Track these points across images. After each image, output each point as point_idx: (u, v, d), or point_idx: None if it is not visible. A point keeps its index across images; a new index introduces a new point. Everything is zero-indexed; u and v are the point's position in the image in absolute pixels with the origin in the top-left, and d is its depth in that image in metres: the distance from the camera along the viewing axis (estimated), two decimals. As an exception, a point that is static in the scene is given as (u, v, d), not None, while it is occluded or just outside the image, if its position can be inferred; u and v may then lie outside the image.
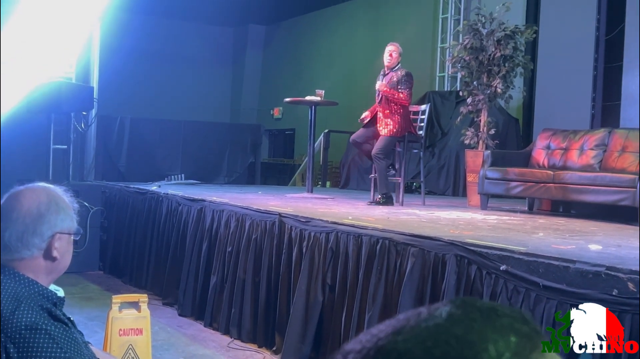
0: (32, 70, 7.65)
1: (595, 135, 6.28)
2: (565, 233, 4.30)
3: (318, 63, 15.03)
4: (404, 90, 6.48)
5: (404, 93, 6.47)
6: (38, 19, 7.50)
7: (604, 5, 9.18)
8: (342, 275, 4.08)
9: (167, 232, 6.45)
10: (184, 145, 10.54)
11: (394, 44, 6.70)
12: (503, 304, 0.65)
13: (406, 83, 6.50)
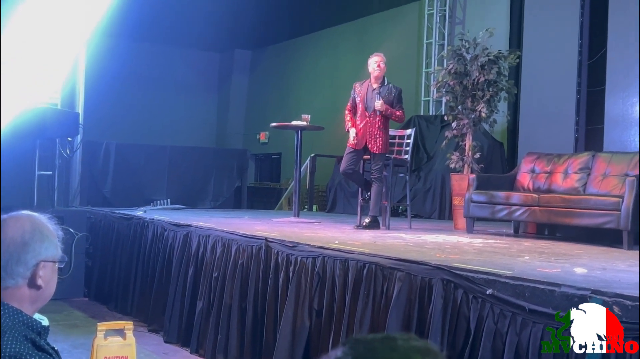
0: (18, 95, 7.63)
1: (579, 159, 6.33)
2: (550, 257, 4.32)
3: (304, 88, 15.10)
4: (401, 107, 6.49)
5: (400, 111, 6.47)
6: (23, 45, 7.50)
7: (586, 30, 9.31)
8: (329, 300, 4.06)
9: (153, 258, 6.42)
10: (170, 169, 10.52)
11: (379, 54, 6.60)
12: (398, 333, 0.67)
13: (401, 101, 6.52)
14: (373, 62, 6.51)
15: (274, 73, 16.26)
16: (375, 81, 6.51)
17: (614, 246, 5.19)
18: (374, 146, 6.42)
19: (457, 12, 11.62)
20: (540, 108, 9.51)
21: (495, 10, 10.63)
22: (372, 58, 6.56)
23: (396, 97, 6.46)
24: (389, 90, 6.47)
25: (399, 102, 6.48)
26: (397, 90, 6.50)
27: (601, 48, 8.94)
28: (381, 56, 6.55)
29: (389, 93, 6.46)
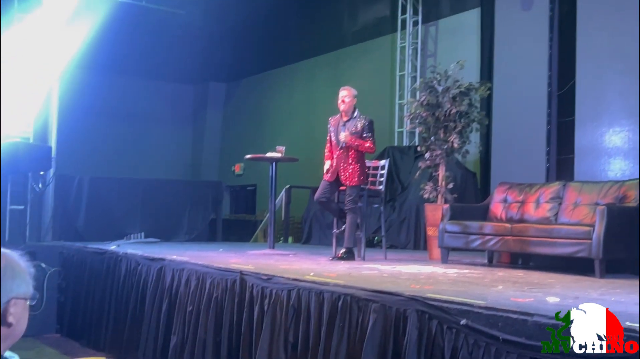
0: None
1: (551, 188, 6.41)
2: (524, 286, 4.35)
3: (278, 120, 15.16)
4: (369, 138, 6.52)
5: (369, 142, 6.51)
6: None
7: (555, 62, 9.49)
8: (304, 332, 4.05)
9: (126, 292, 6.35)
10: (144, 203, 10.45)
11: (346, 88, 6.68)
12: None
13: (370, 131, 6.54)
14: (340, 97, 6.63)
15: (249, 106, 16.32)
16: (344, 115, 6.62)
17: (586, 275, 5.24)
18: (346, 178, 6.47)
19: (429, 45, 11.79)
20: (512, 139, 9.63)
21: (466, 43, 10.81)
22: (340, 92, 6.66)
23: (365, 128, 6.51)
24: (357, 122, 6.52)
25: (368, 132, 6.51)
26: (366, 121, 6.54)
27: (570, 79, 9.11)
28: (348, 90, 6.64)
29: (356, 125, 6.51)
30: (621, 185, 5.84)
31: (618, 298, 3.76)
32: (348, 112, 6.59)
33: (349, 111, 6.59)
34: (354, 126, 6.52)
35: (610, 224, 5.16)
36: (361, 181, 6.51)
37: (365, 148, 6.48)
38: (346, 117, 6.60)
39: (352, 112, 6.60)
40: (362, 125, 6.51)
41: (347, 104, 6.56)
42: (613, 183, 5.98)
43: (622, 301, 3.66)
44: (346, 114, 6.59)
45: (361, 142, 6.47)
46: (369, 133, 6.51)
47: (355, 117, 6.57)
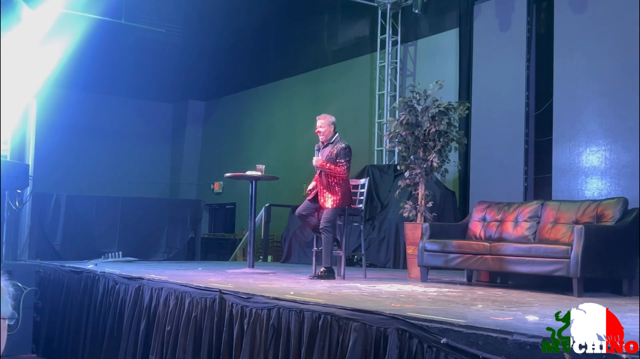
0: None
1: (529, 207, 6.46)
2: (503, 304, 4.37)
3: (258, 138, 15.16)
4: (342, 163, 6.57)
5: (340, 167, 6.56)
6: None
7: (532, 82, 9.60)
8: (284, 352, 4.03)
9: (104, 312, 6.29)
10: (122, 221, 10.38)
11: (322, 116, 6.76)
12: None
13: (345, 157, 6.58)
14: (316, 125, 6.75)
15: (228, 124, 16.31)
16: (322, 141, 6.73)
17: (564, 294, 5.28)
18: (323, 202, 6.56)
19: (408, 65, 11.88)
20: (490, 158, 9.71)
21: (444, 63, 10.91)
22: (317, 121, 6.77)
23: (339, 153, 6.57)
24: (334, 147, 6.61)
25: (341, 157, 6.57)
26: (341, 146, 6.60)
27: (547, 99, 9.21)
28: (324, 118, 6.72)
29: (332, 150, 6.59)
30: (598, 204, 5.90)
31: (596, 317, 3.78)
32: (325, 139, 6.70)
33: (328, 138, 6.69)
34: (329, 151, 6.62)
35: (587, 243, 5.20)
36: (338, 205, 6.52)
37: (335, 172, 6.54)
38: (325, 142, 6.71)
39: (331, 137, 6.69)
40: (337, 150, 6.59)
41: (324, 133, 6.68)
42: (590, 202, 6.04)
43: (601, 319, 3.68)
44: (323, 142, 6.71)
45: (333, 167, 6.53)
46: (343, 159, 6.57)
47: (333, 142, 6.67)
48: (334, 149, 6.61)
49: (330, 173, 6.54)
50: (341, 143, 6.64)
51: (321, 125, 6.68)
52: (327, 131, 6.67)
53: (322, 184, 6.59)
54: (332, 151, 6.61)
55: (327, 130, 6.67)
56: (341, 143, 6.64)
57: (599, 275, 5.51)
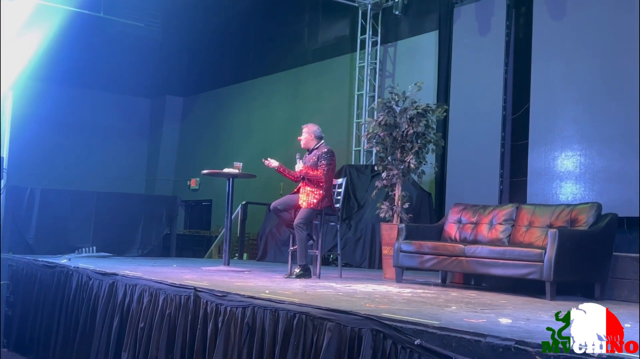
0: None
1: (504, 210, 6.51)
2: (476, 306, 4.40)
3: (236, 136, 15.12)
4: (321, 166, 6.61)
5: (319, 170, 6.60)
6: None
7: (510, 87, 9.68)
8: (259, 351, 4.02)
9: (77, 307, 6.24)
10: (97, 216, 10.31)
11: (305, 126, 6.88)
12: None
13: (324, 160, 6.64)
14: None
15: (206, 120, 16.25)
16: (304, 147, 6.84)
17: (537, 297, 5.32)
18: (302, 200, 6.60)
19: (387, 66, 11.92)
20: (467, 161, 9.77)
21: (423, 65, 10.96)
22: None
23: (320, 157, 6.66)
24: (315, 153, 6.70)
25: (322, 161, 6.65)
26: (323, 152, 6.69)
27: (524, 103, 9.29)
28: (306, 127, 6.85)
29: (315, 156, 6.69)
30: (572, 208, 5.96)
31: (568, 320, 3.83)
32: (306, 148, 6.81)
33: (308, 146, 6.79)
34: (311, 157, 6.72)
35: (561, 247, 5.25)
36: (314, 207, 6.55)
37: (312, 176, 6.59)
38: (307, 148, 6.82)
39: (315, 144, 6.77)
40: (318, 155, 6.68)
41: (303, 142, 6.80)
42: (565, 207, 6.10)
43: (572, 323, 3.73)
44: (305, 147, 6.82)
45: (309, 171, 6.60)
46: (323, 161, 6.64)
47: (317, 148, 6.75)
48: (316, 154, 6.70)
49: (311, 178, 6.58)
50: (324, 148, 6.73)
51: (303, 132, 6.82)
52: (306, 139, 6.78)
53: (305, 184, 6.65)
54: (314, 157, 6.70)
55: (306, 138, 6.78)
56: (324, 148, 6.73)
57: (571, 279, 5.57)
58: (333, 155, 6.74)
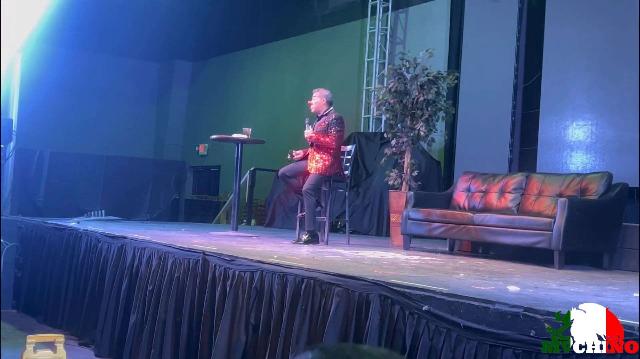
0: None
1: (514, 179, 6.48)
2: (484, 274, 4.40)
3: (244, 102, 15.07)
4: (331, 133, 6.57)
5: (330, 137, 6.55)
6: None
7: (522, 55, 9.57)
8: (266, 314, 4.04)
9: (86, 270, 6.28)
10: (105, 180, 10.34)
11: (316, 90, 6.80)
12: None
13: (335, 127, 6.59)
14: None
15: (215, 86, 16.19)
16: (313, 112, 6.78)
17: (545, 266, 5.32)
18: (311, 167, 6.56)
19: (398, 32, 11.80)
20: (477, 129, 9.72)
21: (434, 31, 10.85)
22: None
23: (330, 124, 6.60)
24: (326, 119, 6.64)
25: (331, 128, 6.59)
26: (332, 118, 6.62)
27: (536, 72, 9.20)
28: (317, 91, 6.76)
29: (324, 122, 6.63)
30: (583, 178, 5.93)
31: (577, 289, 3.83)
32: (316, 112, 6.74)
33: (319, 111, 6.72)
34: (321, 123, 6.65)
35: (570, 216, 5.23)
36: (323, 173, 6.53)
37: (322, 142, 6.54)
38: (317, 113, 6.75)
39: (325, 110, 6.70)
40: (328, 121, 6.62)
41: (315, 106, 6.72)
42: (575, 176, 6.07)
43: (581, 291, 3.73)
44: (316, 111, 6.75)
45: (319, 137, 6.54)
46: (333, 128, 6.59)
47: (326, 114, 6.68)
48: (326, 120, 6.64)
49: (321, 145, 6.55)
50: (333, 115, 6.67)
51: (314, 96, 6.74)
52: (317, 103, 6.71)
53: (314, 151, 6.62)
54: (324, 123, 6.64)
55: (318, 102, 6.71)
56: (333, 115, 6.67)
57: (580, 248, 5.56)
58: (343, 122, 6.70)
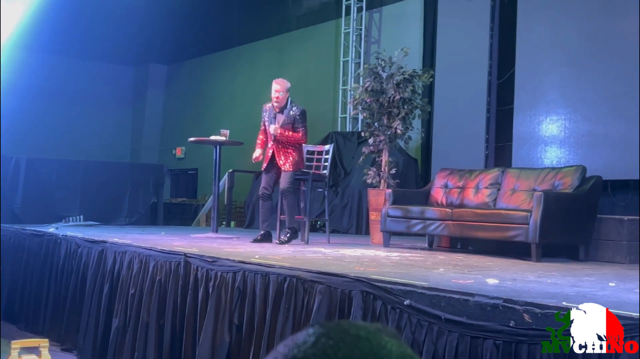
0: None
1: (490, 174, 6.57)
2: (464, 268, 4.47)
3: (221, 103, 15.05)
4: (300, 128, 6.46)
5: (299, 132, 6.45)
6: None
7: (495, 52, 9.68)
8: (250, 314, 4.08)
9: (66, 275, 6.26)
10: (83, 185, 10.28)
11: (280, 81, 6.55)
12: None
13: (303, 122, 6.48)
14: (273, 91, 6.50)
15: (191, 89, 16.14)
16: (276, 107, 6.53)
17: (523, 259, 5.41)
18: (283, 164, 6.44)
19: (373, 32, 11.87)
20: (452, 126, 9.80)
21: (409, 30, 10.92)
22: (273, 84, 6.54)
23: (297, 119, 6.45)
24: (289, 112, 6.46)
25: (299, 123, 6.45)
26: (299, 112, 6.47)
27: (510, 68, 9.31)
28: (281, 84, 6.50)
29: (289, 116, 6.45)
30: (557, 172, 6.03)
31: (554, 281, 3.91)
32: (281, 105, 6.51)
33: (282, 104, 6.51)
34: (285, 117, 6.44)
35: (546, 209, 5.33)
36: (295, 167, 6.48)
37: (295, 140, 6.43)
38: (278, 108, 6.52)
39: (286, 103, 6.53)
40: (294, 115, 6.45)
41: (280, 99, 6.47)
42: (550, 170, 6.17)
43: (558, 283, 3.81)
44: (279, 108, 6.52)
45: (292, 134, 6.42)
46: (301, 124, 6.45)
47: (287, 108, 6.49)
48: (290, 117, 6.46)
49: (289, 141, 6.45)
50: (297, 108, 6.49)
51: (279, 90, 6.48)
52: (283, 98, 6.49)
53: (278, 148, 6.46)
54: (288, 117, 6.45)
55: (284, 97, 6.49)
56: (297, 108, 6.49)
57: (557, 241, 5.65)
58: (306, 114, 6.56)
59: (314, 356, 0.67)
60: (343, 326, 0.70)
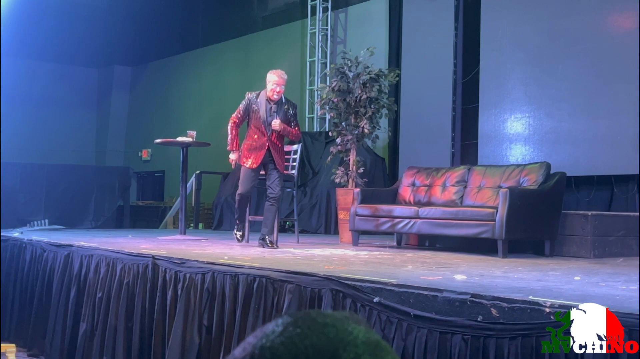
0: None
1: (456, 172, 6.63)
2: (432, 265, 4.51)
3: (188, 105, 14.96)
4: (297, 124, 6.22)
5: (297, 129, 6.19)
6: None
7: (460, 51, 9.77)
8: (219, 315, 4.06)
9: (32, 280, 6.17)
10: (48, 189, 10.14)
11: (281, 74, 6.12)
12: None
13: (296, 118, 6.23)
14: (273, 83, 6.04)
15: (157, 90, 16.02)
16: (272, 101, 6.11)
17: (489, 255, 5.47)
18: (280, 164, 6.12)
19: (339, 32, 11.90)
20: (419, 125, 9.88)
21: (374, 30, 10.98)
22: (272, 75, 6.09)
23: (293, 115, 6.17)
24: (285, 107, 6.11)
25: (295, 119, 6.21)
26: (294, 107, 6.22)
27: (474, 67, 9.40)
28: (284, 78, 6.10)
29: (287, 111, 6.11)
30: (522, 168, 6.11)
31: (520, 276, 3.96)
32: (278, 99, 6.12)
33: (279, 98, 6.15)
34: (283, 112, 6.10)
35: (512, 206, 5.39)
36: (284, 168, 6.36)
37: (293, 135, 6.16)
38: (273, 102, 6.13)
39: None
40: (292, 110, 6.16)
41: (281, 94, 6.09)
42: (515, 167, 6.24)
43: (524, 277, 3.86)
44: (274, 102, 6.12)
45: (290, 130, 6.11)
46: (294, 120, 6.20)
47: (284, 102, 6.15)
48: (288, 111, 6.14)
49: (287, 136, 6.16)
50: (292, 104, 6.23)
51: (281, 84, 6.06)
52: (281, 93, 6.11)
53: (275, 145, 6.10)
54: (286, 112, 6.12)
55: (282, 92, 6.11)
56: (292, 104, 6.23)
57: (522, 237, 5.73)
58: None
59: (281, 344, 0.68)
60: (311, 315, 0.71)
